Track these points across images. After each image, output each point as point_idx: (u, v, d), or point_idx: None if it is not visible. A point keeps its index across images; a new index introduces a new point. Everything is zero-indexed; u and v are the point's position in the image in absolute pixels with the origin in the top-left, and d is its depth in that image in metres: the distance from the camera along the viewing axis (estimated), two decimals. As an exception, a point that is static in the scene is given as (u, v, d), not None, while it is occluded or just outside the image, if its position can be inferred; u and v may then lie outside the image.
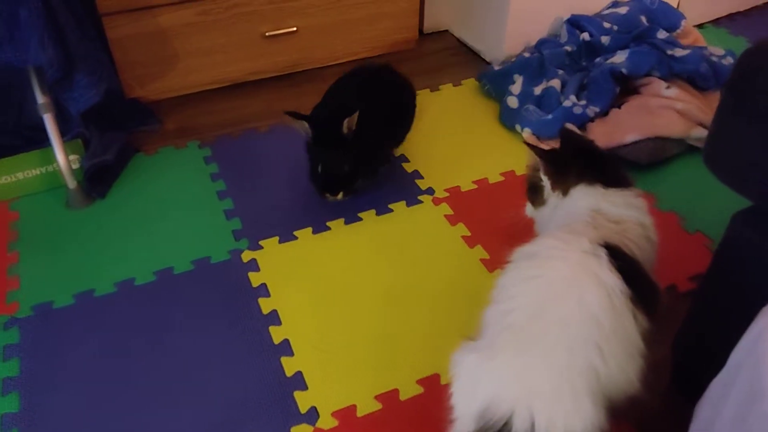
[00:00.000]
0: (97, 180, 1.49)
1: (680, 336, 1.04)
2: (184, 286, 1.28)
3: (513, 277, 0.87)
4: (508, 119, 1.69)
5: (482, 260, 1.33)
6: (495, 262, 1.32)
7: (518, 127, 1.66)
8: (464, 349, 0.82)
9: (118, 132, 1.62)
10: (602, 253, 0.83)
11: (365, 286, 1.27)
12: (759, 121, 0.83)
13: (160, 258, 1.34)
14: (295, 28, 1.77)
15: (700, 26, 2.13)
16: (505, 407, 0.73)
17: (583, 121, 1.60)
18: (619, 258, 0.84)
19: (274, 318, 1.21)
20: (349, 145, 1.32)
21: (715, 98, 1.57)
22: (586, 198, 0.97)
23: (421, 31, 2.09)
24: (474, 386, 0.78)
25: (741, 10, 2.23)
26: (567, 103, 1.61)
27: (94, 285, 1.28)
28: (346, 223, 1.42)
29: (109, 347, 1.17)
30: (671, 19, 1.91)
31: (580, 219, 0.92)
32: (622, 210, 0.94)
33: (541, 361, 0.76)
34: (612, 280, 0.80)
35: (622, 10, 1.90)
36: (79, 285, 1.28)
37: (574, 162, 1.00)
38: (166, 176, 1.55)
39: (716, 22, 2.18)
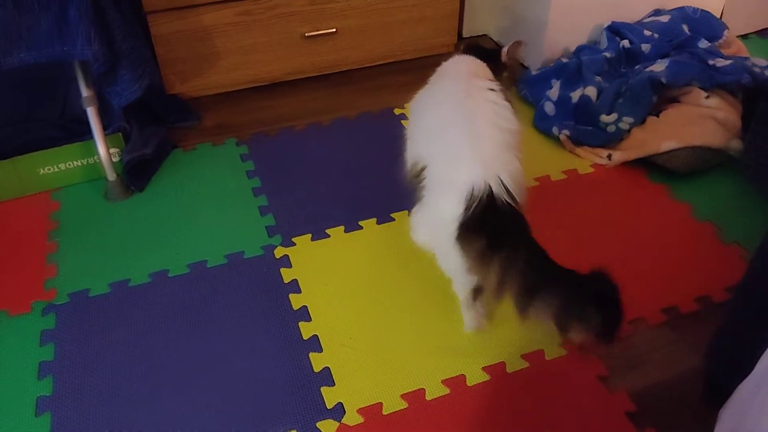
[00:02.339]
0: (136, 173, 1.53)
1: (713, 346, 1.02)
2: (216, 280, 1.30)
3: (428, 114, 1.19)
4: (543, 123, 1.68)
5: (513, 264, 1.32)
6: (526, 267, 1.31)
7: (555, 130, 1.65)
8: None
9: (158, 127, 1.65)
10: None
11: (395, 286, 1.28)
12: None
13: (194, 251, 1.36)
14: (334, 30, 1.79)
15: (744, 36, 2.09)
16: (478, 180, 1.02)
17: (619, 137, 1.59)
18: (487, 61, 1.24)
19: (304, 314, 1.22)
20: None
21: (758, 109, 1.53)
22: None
23: (460, 35, 2.09)
24: (449, 184, 1.05)
25: (787, 21, 2.18)
26: (602, 120, 1.60)
27: (129, 275, 1.31)
28: (379, 222, 1.42)
29: (142, 335, 1.19)
30: (714, 29, 1.87)
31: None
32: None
33: (482, 143, 1.06)
34: (491, 85, 1.17)
35: (664, 18, 1.88)
36: (115, 274, 1.31)
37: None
38: (202, 172, 1.58)
39: (761, 32, 2.13)
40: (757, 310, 0.94)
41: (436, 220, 1.07)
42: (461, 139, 1.08)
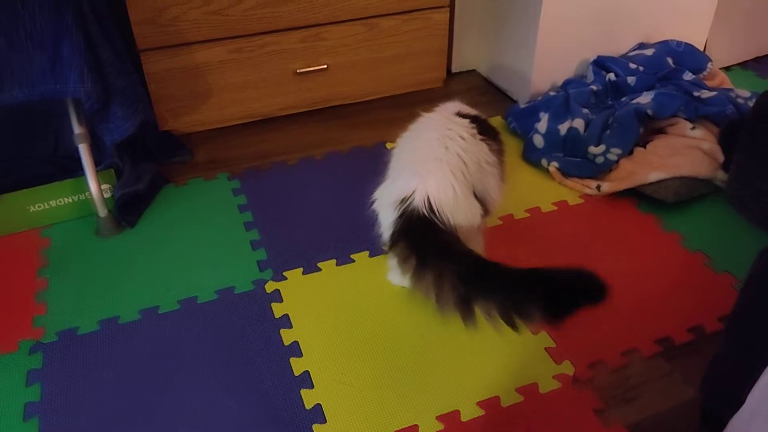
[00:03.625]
0: (128, 209, 1.53)
1: (708, 377, 1.02)
2: (207, 316, 1.29)
3: (405, 138, 1.29)
4: (532, 155, 1.70)
5: (506, 296, 1.31)
6: (519, 299, 1.30)
7: (544, 162, 1.66)
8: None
9: (150, 163, 1.66)
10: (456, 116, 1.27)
11: (388, 320, 1.27)
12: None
13: (185, 287, 1.35)
14: (325, 66, 1.82)
15: (727, 69, 2.14)
16: (409, 190, 1.12)
17: (608, 168, 1.61)
18: (468, 117, 1.27)
19: (295, 349, 1.21)
20: None
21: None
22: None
23: (449, 70, 2.13)
24: (390, 192, 1.17)
25: (768, 53, 2.23)
26: (590, 152, 1.62)
27: (119, 312, 1.30)
28: (371, 255, 1.42)
29: (130, 375, 1.17)
30: (697, 62, 1.91)
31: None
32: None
33: (427, 161, 1.15)
34: (466, 122, 1.24)
35: (648, 51, 1.92)
36: (105, 312, 1.30)
37: None
38: (194, 207, 1.58)
39: (744, 64, 2.18)
40: (749, 339, 0.93)
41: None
42: (412, 157, 1.20)
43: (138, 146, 1.67)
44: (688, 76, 1.82)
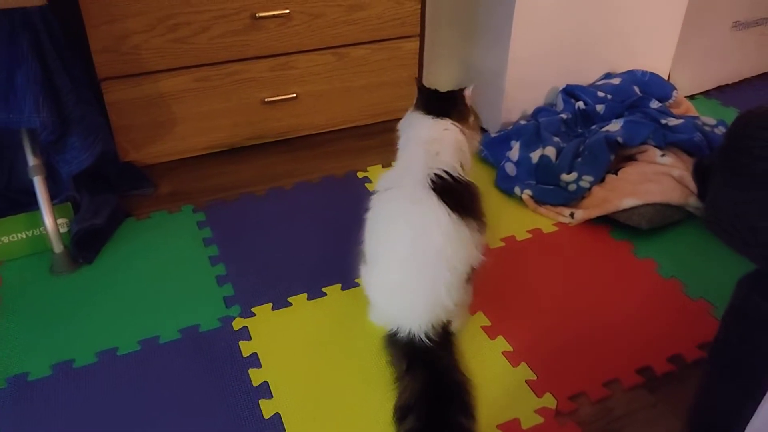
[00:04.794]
0: (85, 244, 1.45)
1: (694, 410, 0.99)
2: (169, 357, 1.21)
3: (375, 213, 1.20)
4: (505, 183, 1.68)
5: (483, 327, 1.28)
6: (496, 330, 1.27)
7: (517, 190, 1.65)
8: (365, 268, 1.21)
9: (110, 195, 1.59)
10: (429, 184, 1.14)
11: (363, 356, 1.21)
12: (752, 187, 0.84)
13: (146, 326, 1.28)
14: (295, 95, 1.79)
15: (691, 97, 2.17)
16: (406, 327, 1.12)
17: (580, 195, 1.60)
18: (444, 179, 1.16)
19: (264, 390, 1.15)
20: None
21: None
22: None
23: (418, 100, 2.11)
24: (387, 307, 1.19)
25: (730, 82, 2.28)
26: (563, 179, 1.62)
27: (74, 355, 1.22)
28: (343, 288, 1.37)
29: (85, 424, 1.09)
30: (663, 90, 1.94)
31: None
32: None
33: (418, 285, 1.12)
34: (445, 212, 1.11)
35: (615, 81, 1.94)
36: (58, 355, 1.21)
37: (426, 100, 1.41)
38: (157, 241, 1.51)
39: (707, 93, 2.22)
40: (734, 372, 0.91)
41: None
42: (400, 260, 1.13)
43: (97, 178, 1.60)
44: (654, 104, 1.84)
